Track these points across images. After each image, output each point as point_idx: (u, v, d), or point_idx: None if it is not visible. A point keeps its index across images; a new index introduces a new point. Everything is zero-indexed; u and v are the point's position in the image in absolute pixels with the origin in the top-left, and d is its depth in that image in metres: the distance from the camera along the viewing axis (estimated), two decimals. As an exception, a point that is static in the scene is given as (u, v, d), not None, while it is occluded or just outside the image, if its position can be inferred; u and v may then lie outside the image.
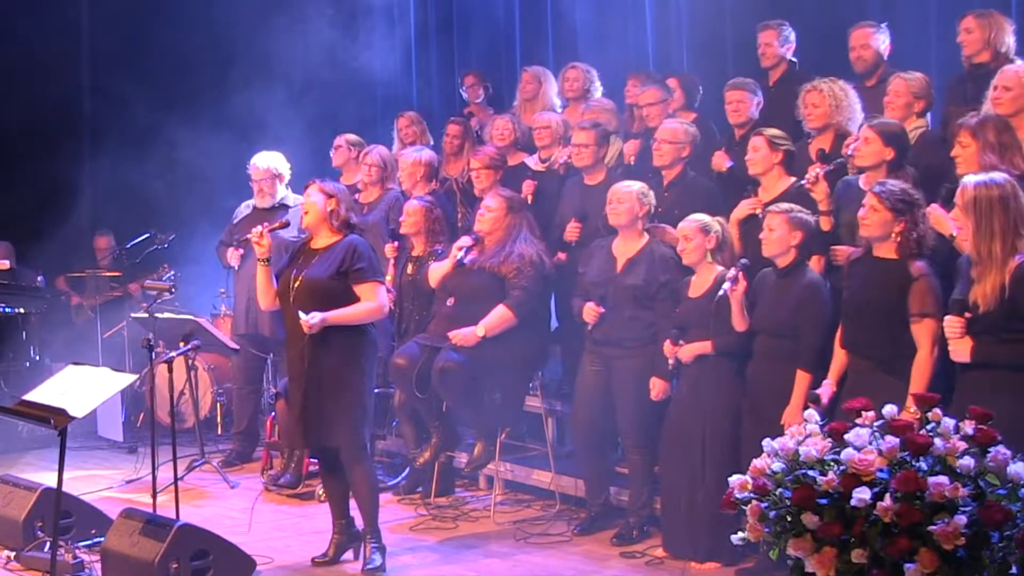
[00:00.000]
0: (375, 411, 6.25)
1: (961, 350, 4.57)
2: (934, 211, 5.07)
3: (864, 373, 5.05)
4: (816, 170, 5.65)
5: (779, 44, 7.01)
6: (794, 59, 7.06)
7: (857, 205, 5.32)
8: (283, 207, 7.87)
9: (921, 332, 4.88)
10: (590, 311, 6.14)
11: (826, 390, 5.18)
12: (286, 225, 6.22)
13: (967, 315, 4.54)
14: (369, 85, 10.35)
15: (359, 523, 5.92)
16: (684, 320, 5.83)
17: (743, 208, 6.00)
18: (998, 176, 4.56)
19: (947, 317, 4.63)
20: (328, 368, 5.65)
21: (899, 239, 4.94)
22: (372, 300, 5.70)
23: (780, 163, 5.91)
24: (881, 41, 6.56)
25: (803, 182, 5.69)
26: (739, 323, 5.53)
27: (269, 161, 7.95)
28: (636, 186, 6.16)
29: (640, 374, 6.05)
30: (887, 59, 6.59)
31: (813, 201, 5.62)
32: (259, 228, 5.87)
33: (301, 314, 5.55)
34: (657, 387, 5.98)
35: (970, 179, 4.58)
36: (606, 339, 6.16)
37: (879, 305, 4.98)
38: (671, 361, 5.80)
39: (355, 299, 5.70)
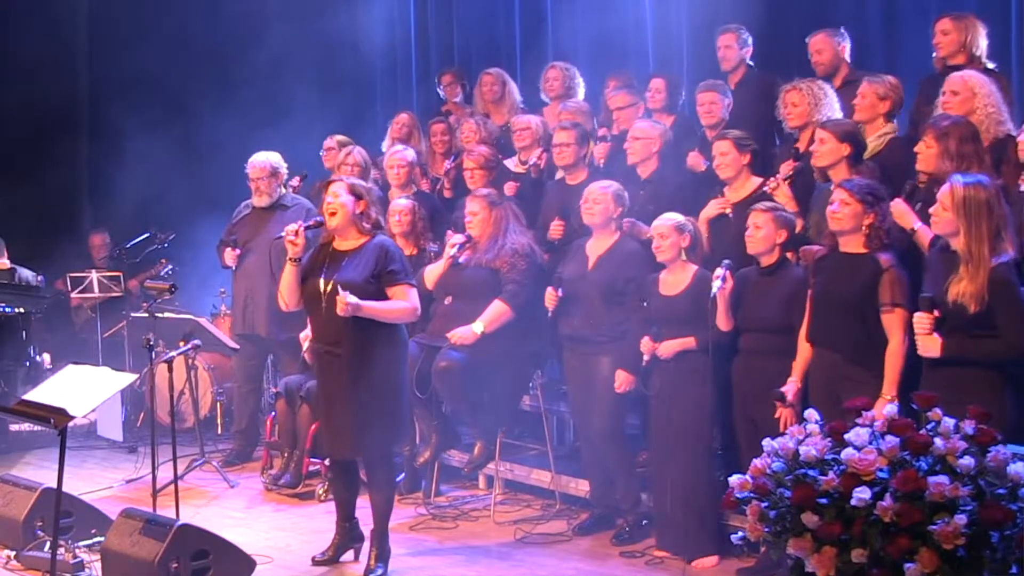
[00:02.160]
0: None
1: (931, 346, 4.63)
2: (897, 205, 5.18)
3: (833, 367, 5.12)
4: (777, 177, 5.83)
5: (739, 47, 7.13)
6: (751, 63, 7.15)
7: (825, 207, 5.40)
8: (281, 206, 7.86)
9: (892, 322, 4.97)
10: (549, 296, 6.16)
11: (791, 388, 5.29)
12: (321, 224, 5.77)
13: (936, 312, 4.62)
14: (370, 80, 10.36)
15: (361, 524, 5.92)
16: (658, 318, 5.86)
17: (712, 207, 6.10)
18: (983, 177, 4.65)
19: (917, 314, 4.70)
20: (363, 374, 5.48)
21: (868, 231, 5.04)
22: (405, 302, 5.58)
23: (748, 164, 6.01)
24: (838, 44, 6.65)
25: (766, 188, 5.85)
26: (724, 323, 5.57)
27: (267, 160, 7.94)
28: (612, 187, 6.19)
29: (613, 369, 6.05)
30: (850, 61, 6.67)
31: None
32: (294, 226, 5.61)
33: (341, 291, 5.33)
34: (621, 379, 6.00)
35: (958, 178, 4.65)
36: (578, 336, 6.18)
37: (849, 299, 5.06)
38: (647, 357, 5.83)
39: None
